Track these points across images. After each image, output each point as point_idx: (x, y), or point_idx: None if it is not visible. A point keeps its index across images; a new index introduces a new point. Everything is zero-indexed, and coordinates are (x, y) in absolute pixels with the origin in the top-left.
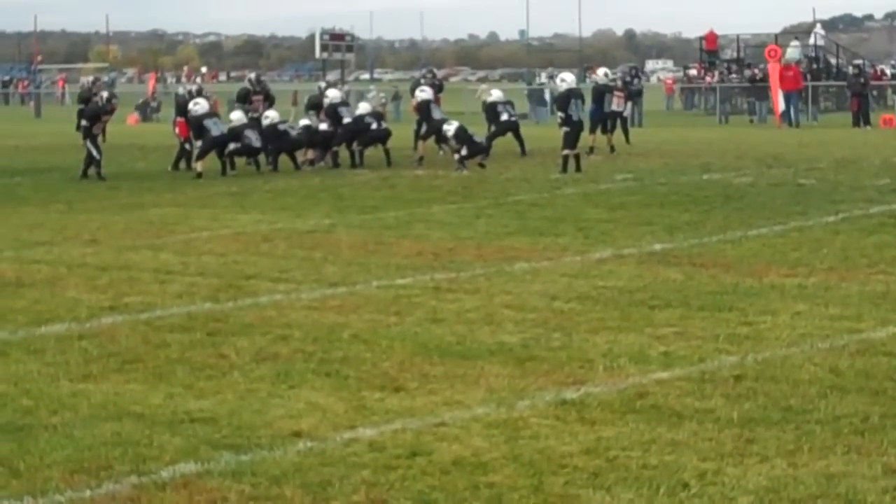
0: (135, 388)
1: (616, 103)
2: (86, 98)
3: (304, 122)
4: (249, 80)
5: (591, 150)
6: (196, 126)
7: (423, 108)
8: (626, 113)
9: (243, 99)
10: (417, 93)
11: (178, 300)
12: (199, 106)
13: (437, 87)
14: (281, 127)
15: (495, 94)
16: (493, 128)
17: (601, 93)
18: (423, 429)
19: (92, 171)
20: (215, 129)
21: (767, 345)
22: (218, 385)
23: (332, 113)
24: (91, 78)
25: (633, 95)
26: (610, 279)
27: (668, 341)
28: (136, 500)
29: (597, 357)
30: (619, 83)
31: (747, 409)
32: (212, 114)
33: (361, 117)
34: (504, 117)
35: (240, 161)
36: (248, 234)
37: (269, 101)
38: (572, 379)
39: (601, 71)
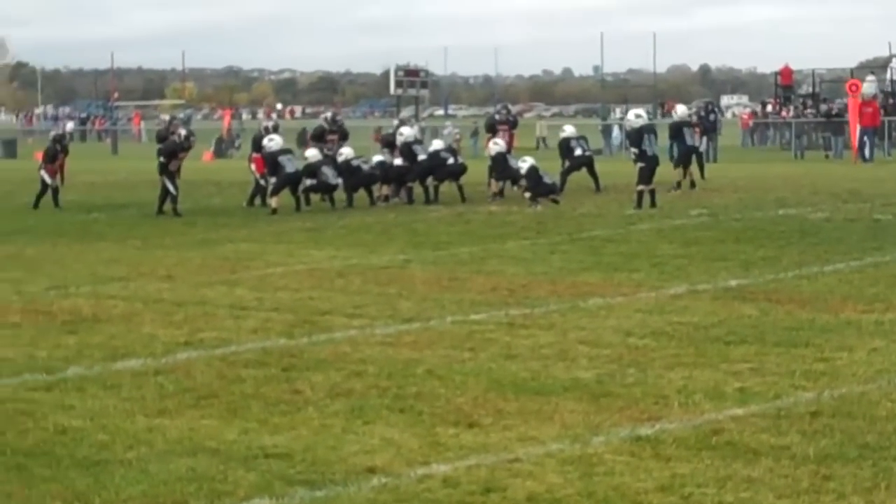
0: (210, 424)
1: (694, 138)
2: (163, 136)
3: (377, 158)
4: (326, 119)
5: (679, 184)
6: (271, 162)
7: (499, 160)
8: (702, 148)
9: (318, 138)
10: (491, 145)
11: (252, 336)
12: (273, 142)
13: (512, 124)
14: (355, 163)
15: (568, 130)
16: (566, 163)
17: (680, 128)
18: (497, 465)
19: (168, 207)
20: (290, 165)
21: (844, 381)
22: (292, 421)
23: (407, 151)
24: (168, 116)
25: (709, 131)
26: (685, 315)
27: (743, 377)
28: None
29: (672, 393)
30: (695, 118)
31: (823, 446)
32: (286, 150)
33: (437, 153)
34: (578, 152)
35: (314, 197)
36: (323, 270)
37: (344, 138)
38: (647, 415)
39: (680, 108)
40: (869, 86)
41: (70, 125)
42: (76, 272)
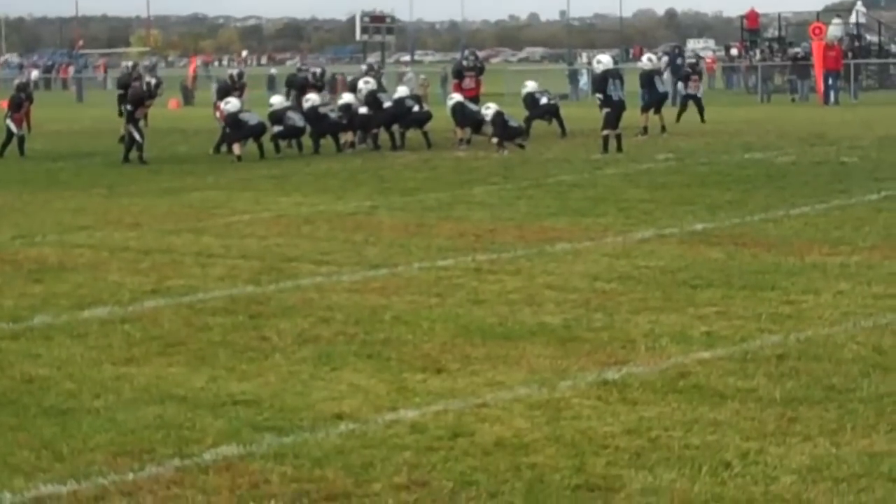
0: (177, 372)
1: (692, 87)
2: (125, 83)
3: (343, 100)
4: (314, 75)
5: (645, 129)
6: (233, 122)
7: (457, 110)
8: (700, 94)
9: (300, 89)
10: (448, 99)
11: (219, 283)
12: (230, 105)
13: (479, 70)
14: (322, 110)
15: (530, 85)
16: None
17: (651, 76)
18: (465, 410)
19: (134, 154)
20: (252, 118)
21: (810, 324)
22: (260, 368)
23: (372, 99)
24: (131, 63)
25: (675, 75)
26: (651, 259)
27: (709, 321)
28: (179, 482)
29: (638, 337)
30: (664, 65)
31: (790, 389)
32: (245, 110)
33: (402, 100)
34: (543, 101)
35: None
36: (289, 217)
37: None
38: (614, 359)
39: (645, 57)
40: (835, 29)
41: (35, 73)
42: (42, 221)
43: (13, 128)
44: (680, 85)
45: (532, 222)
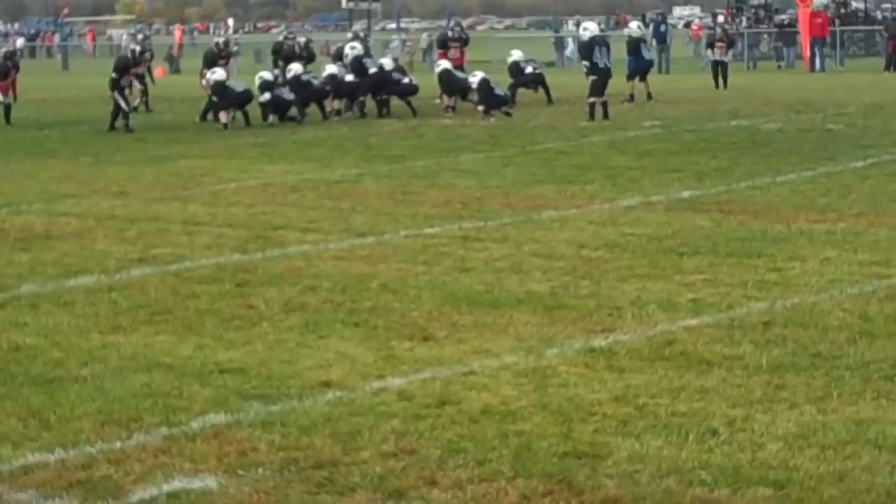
0: (164, 340)
1: (717, 52)
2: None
3: (328, 70)
4: (299, 45)
5: (632, 97)
6: (219, 90)
7: (444, 77)
8: (728, 59)
9: (286, 59)
10: (435, 66)
11: (206, 251)
12: (217, 74)
13: (464, 41)
14: (305, 77)
15: (516, 54)
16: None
17: (637, 44)
18: (452, 378)
19: (120, 123)
20: (238, 86)
21: (796, 291)
22: (247, 336)
23: (358, 66)
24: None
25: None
26: (638, 227)
27: (696, 288)
28: (167, 450)
29: (625, 305)
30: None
31: (776, 356)
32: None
33: (388, 71)
34: (528, 70)
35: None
36: (276, 185)
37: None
38: (601, 327)
39: (634, 24)
40: None
41: (20, 42)
42: (28, 189)
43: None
44: (708, 51)
45: (518, 190)
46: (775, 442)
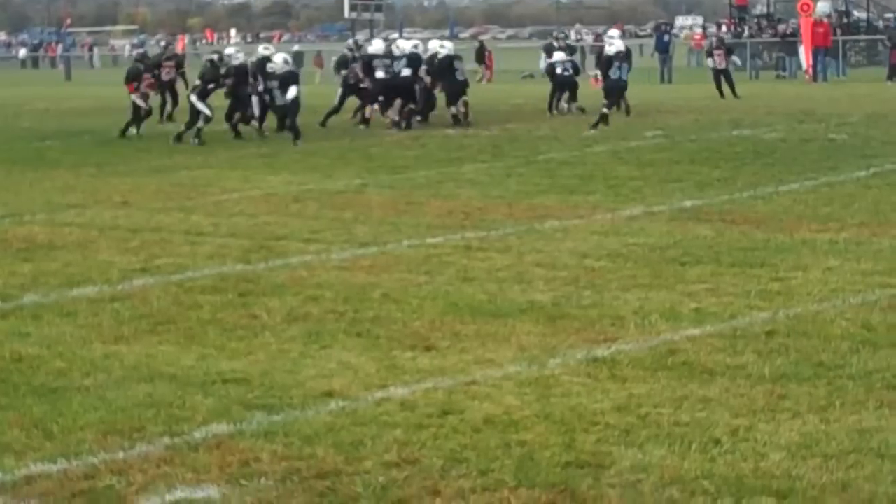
0: (167, 350)
1: (717, 61)
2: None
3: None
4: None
5: (628, 110)
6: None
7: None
8: (731, 67)
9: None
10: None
11: (209, 261)
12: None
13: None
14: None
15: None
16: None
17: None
18: (455, 387)
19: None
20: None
21: (799, 300)
22: (250, 346)
23: (367, 65)
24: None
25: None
26: (641, 236)
27: (699, 298)
28: (169, 460)
29: (628, 314)
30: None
31: (779, 365)
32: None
33: (396, 74)
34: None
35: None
36: (279, 195)
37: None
38: (603, 336)
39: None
40: (823, 5)
41: (23, 52)
42: (31, 199)
43: None
44: (708, 60)
45: (521, 200)
46: (778, 451)
